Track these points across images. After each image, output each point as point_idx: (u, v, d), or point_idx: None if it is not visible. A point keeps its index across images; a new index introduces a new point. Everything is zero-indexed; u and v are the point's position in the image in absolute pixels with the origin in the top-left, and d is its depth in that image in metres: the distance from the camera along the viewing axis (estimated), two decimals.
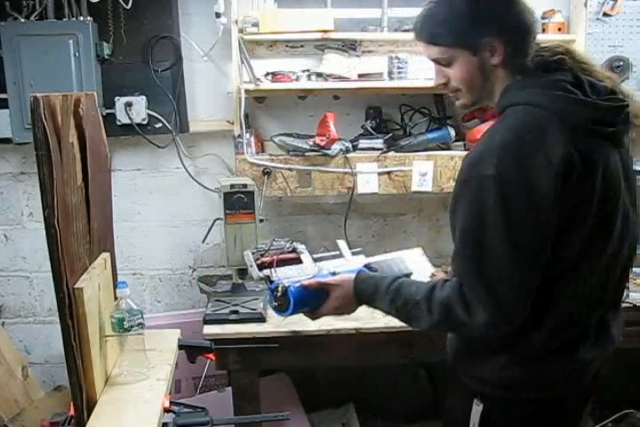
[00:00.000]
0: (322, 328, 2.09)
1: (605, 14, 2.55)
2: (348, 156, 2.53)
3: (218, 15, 2.38)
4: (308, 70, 2.55)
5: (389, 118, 2.71)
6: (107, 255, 1.66)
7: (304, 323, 2.13)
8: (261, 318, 2.15)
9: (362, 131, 2.63)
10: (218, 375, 2.59)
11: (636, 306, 2.18)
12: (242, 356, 2.11)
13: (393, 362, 2.28)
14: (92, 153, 1.54)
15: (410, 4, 2.62)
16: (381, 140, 2.58)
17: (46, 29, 2.39)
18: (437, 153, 2.57)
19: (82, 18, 2.42)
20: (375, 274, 1.48)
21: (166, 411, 1.47)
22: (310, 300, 1.47)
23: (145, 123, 2.53)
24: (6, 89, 2.43)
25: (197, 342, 1.89)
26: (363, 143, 2.59)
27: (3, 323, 2.79)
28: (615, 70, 2.54)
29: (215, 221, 2.34)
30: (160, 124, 2.55)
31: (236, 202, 2.25)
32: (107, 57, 2.48)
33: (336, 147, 2.50)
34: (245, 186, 2.25)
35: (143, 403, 1.44)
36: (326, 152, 2.50)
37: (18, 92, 2.41)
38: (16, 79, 2.40)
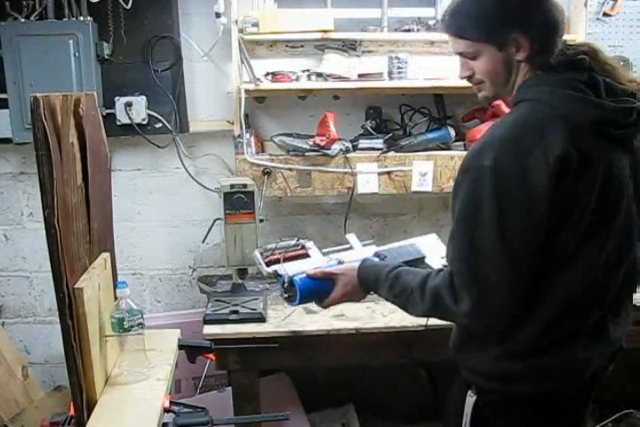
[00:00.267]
0: (322, 328, 2.09)
1: (605, 14, 2.55)
2: (347, 156, 2.53)
3: (218, 15, 2.38)
4: (308, 70, 2.55)
5: (389, 118, 2.70)
6: (107, 255, 1.66)
7: (304, 323, 2.14)
8: (261, 318, 2.14)
9: (362, 131, 2.63)
10: (218, 375, 2.59)
11: (636, 306, 2.17)
12: (242, 356, 2.11)
13: (393, 362, 2.28)
14: (92, 153, 1.54)
15: (410, 3, 2.63)
16: (381, 140, 2.57)
17: (46, 29, 2.39)
18: (437, 153, 2.57)
19: (82, 18, 2.41)
20: (379, 262, 1.51)
21: (166, 411, 1.47)
22: (317, 289, 1.52)
23: (145, 123, 2.53)
24: (6, 89, 2.43)
25: (197, 342, 1.89)
26: (363, 143, 2.59)
27: (3, 323, 2.79)
28: None
29: (215, 221, 2.34)
30: (160, 124, 2.55)
31: (236, 202, 2.25)
32: (107, 57, 2.48)
33: (336, 147, 2.50)
34: (245, 186, 2.25)
35: (143, 403, 1.44)
36: (326, 152, 2.50)
37: (18, 92, 2.41)
38: (16, 79, 2.40)
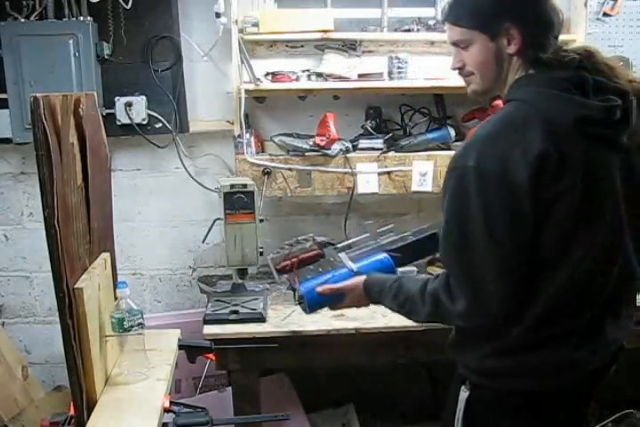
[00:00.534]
0: (322, 328, 2.09)
1: (605, 14, 2.55)
2: (348, 156, 2.53)
3: (218, 15, 2.38)
4: (308, 70, 2.55)
5: (389, 118, 2.70)
6: (107, 255, 1.66)
7: (304, 323, 2.14)
8: (261, 318, 2.14)
9: (362, 131, 2.63)
10: (218, 375, 2.59)
11: (637, 306, 2.18)
12: (242, 356, 2.11)
13: (393, 362, 2.28)
14: (92, 153, 1.54)
15: (410, 3, 2.63)
16: (381, 140, 2.57)
17: (46, 29, 2.39)
18: (437, 153, 2.57)
19: (82, 18, 2.42)
20: (382, 275, 1.54)
21: (166, 411, 1.47)
22: (325, 301, 1.61)
23: (145, 123, 2.53)
24: (6, 89, 2.43)
25: (197, 342, 1.89)
26: (363, 143, 2.59)
27: (3, 323, 2.79)
28: None
29: (215, 221, 2.34)
30: (160, 124, 2.55)
31: (236, 202, 2.24)
32: (107, 57, 2.48)
33: (336, 147, 2.50)
34: (245, 186, 2.25)
35: (143, 403, 1.44)
36: (326, 152, 2.50)
37: (18, 92, 2.41)
38: (16, 79, 2.41)
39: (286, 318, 2.18)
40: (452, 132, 2.58)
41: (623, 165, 1.34)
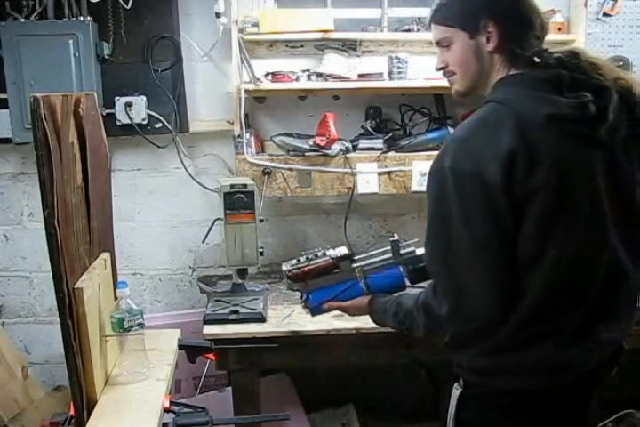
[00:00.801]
0: (322, 328, 2.09)
1: (605, 14, 2.54)
2: (348, 156, 2.53)
3: (218, 15, 2.38)
4: (308, 70, 2.55)
5: (389, 118, 2.70)
6: (107, 255, 1.66)
7: (304, 323, 2.14)
8: (261, 318, 2.14)
9: (362, 131, 2.63)
10: (218, 375, 2.59)
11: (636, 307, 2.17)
12: (242, 356, 2.10)
13: (393, 362, 2.28)
14: (92, 153, 1.54)
15: (410, 3, 2.62)
16: (381, 140, 2.57)
17: (46, 29, 2.39)
18: (437, 153, 2.56)
19: (82, 18, 2.41)
20: (386, 297, 1.55)
21: (166, 411, 1.47)
22: (328, 311, 1.68)
23: (145, 123, 2.53)
24: (6, 89, 2.43)
25: (197, 342, 1.89)
26: (363, 143, 2.59)
27: (3, 323, 2.79)
28: None
29: (215, 221, 2.34)
30: (160, 124, 2.55)
31: (236, 202, 2.24)
32: (107, 57, 2.48)
33: (336, 147, 2.50)
34: (245, 186, 2.25)
35: (143, 403, 1.44)
36: (326, 152, 2.50)
37: (18, 92, 2.41)
38: (16, 79, 2.40)
39: (286, 318, 2.18)
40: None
41: (607, 161, 1.33)
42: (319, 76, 2.53)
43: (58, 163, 1.30)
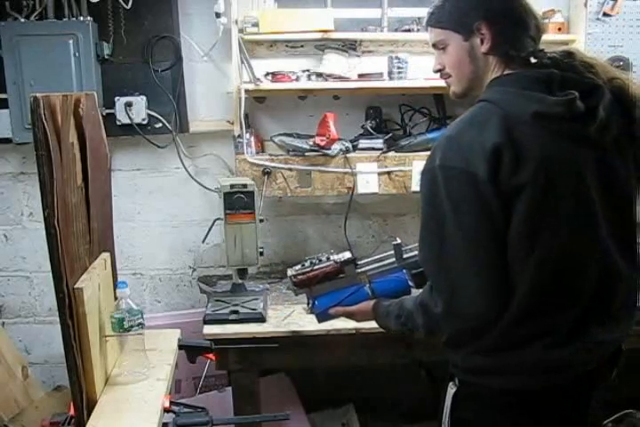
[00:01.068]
0: (322, 328, 2.08)
1: (605, 14, 2.54)
2: (348, 156, 2.53)
3: (218, 15, 2.38)
4: (308, 70, 2.55)
5: (389, 118, 2.70)
6: (107, 255, 1.66)
7: (304, 323, 2.14)
8: (261, 318, 2.14)
9: (362, 131, 2.63)
10: (218, 375, 2.59)
11: (636, 307, 2.17)
12: (242, 356, 2.11)
13: (393, 362, 2.28)
14: (91, 153, 1.54)
15: (410, 3, 2.62)
16: (381, 141, 2.57)
17: (46, 29, 2.39)
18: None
19: (82, 18, 2.42)
20: (391, 301, 1.55)
21: (166, 411, 1.47)
22: (335, 318, 1.70)
23: (145, 123, 2.53)
24: (6, 89, 2.43)
25: (197, 342, 1.89)
26: (363, 143, 2.59)
27: (3, 323, 2.79)
28: None
29: (215, 221, 2.34)
30: (160, 124, 2.55)
31: (236, 202, 2.24)
32: (107, 57, 2.48)
33: (336, 147, 2.50)
34: (245, 186, 2.25)
35: (143, 403, 1.45)
36: (326, 152, 2.50)
37: (18, 92, 2.42)
38: (16, 79, 2.41)
39: (286, 318, 2.18)
40: None
41: (598, 161, 1.33)
42: (319, 76, 2.53)
43: (58, 163, 1.30)
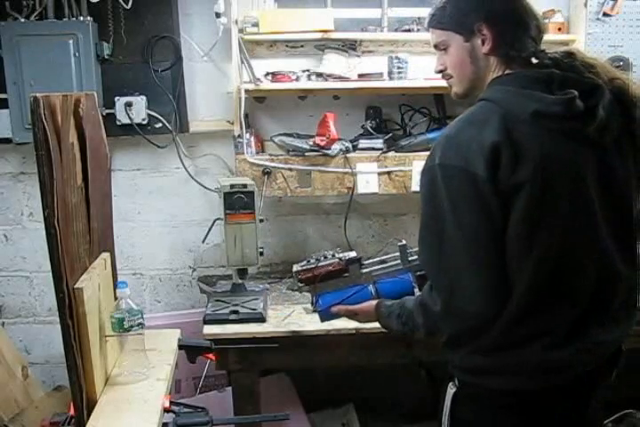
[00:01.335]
0: (322, 328, 2.09)
1: (605, 14, 2.54)
2: (348, 156, 2.53)
3: (218, 15, 2.38)
4: (308, 70, 2.55)
5: (389, 118, 2.70)
6: (107, 255, 1.66)
7: (304, 323, 2.14)
8: (261, 318, 2.14)
9: (362, 131, 2.63)
10: (218, 375, 2.59)
11: (636, 307, 2.17)
12: (242, 356, 2.11)
13: (393, 362, 2.28)
14: (91, 153, 1.54)
15: (410, 4, 2.63)
16: (381, 140, 2.57)
17: (46, 29, 2.39)
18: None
19: (82, 18, 2.42)
20: (393, 301, 1.54)
21: (166, 411, 1.47)
22: (338, 317, 1.69)
23: (145, 123, 2.53)
24: (6, 89, 2.43)
25: (197, 342, 1.89)
26: (363, 143, 2.59)
27: (3, 323, 2.79)
28: None
29: (215, 221, 2.34)
30: (160, 124, 2.55)
31: (236, 202, 2.24)
32: (107, 57, 2.48)
33: (336, 147, 2.50)
34: (245, 186, 2.25)
35: (143, 403, 1.44)
36: (326, 152, 2.50)
37: (18, 92, 2.42)
38: (16, 79, 2.41)
39: (286, 318, 2.18)
40: None
41: (598, 160, 1.33)
42: (319, 76, 2.53)
43: (58, 163, 1.30)
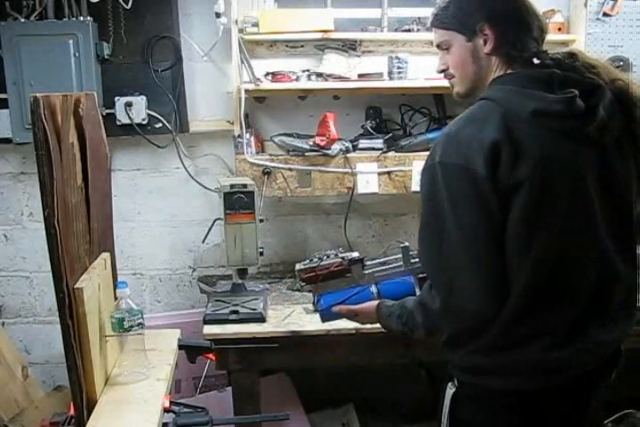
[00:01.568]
0: (322, 328, 2.08)
1: (605, 14, 2.54)
2: (348, 156, 2.53)
3: (218, 15, 2.38)
4: (308, 70, 2.55)
5: (389, 118, 2.70)
6: (107, 255, 1.66)
7: (304, 323, 2.14)
8: (261, 318, 2.14)
9: (362, 131, 2.63)
10: (218, 375, 2.59)
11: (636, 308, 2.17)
12: (242, 356, 2.11)
13: (393, 362, 2.28)
14: (91, 153, 1.54)
15: (410, 4, 2.63)
16: (381, 140, 2.57)
17: (46, 29, 2.39)
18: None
19: (82, 18, 2.42)
20: (394, 302, 1.54)
21: (166, 411, 1.47)
22: (339, 317, 1.69)
23: (145, 123, 2.53)
24: (6, 89, 2.43)
25: (197, 342, 1.89)
26: (363, 143, 2.59)
27: (3, 323, 2.79)
28: None
29: (215, 221, 2.35)
30: (160, 124, 2.55)
31: (236, 202, 2.24)
32: (107, 57, 2.48)
33: (336, 147, 2.50)
34: (245, 186, 2.25)
35: (143, 403, 1.44)
36: (326, 152, 2.50)
37: (18, 92, 2.42)
38: (16, 79, 2.41)
39: (286, 318, 2.18)
40: None
41: (598, 160, 1.33)
42: (319, 76, 2.53)
43: (58, 163, 1.30)
